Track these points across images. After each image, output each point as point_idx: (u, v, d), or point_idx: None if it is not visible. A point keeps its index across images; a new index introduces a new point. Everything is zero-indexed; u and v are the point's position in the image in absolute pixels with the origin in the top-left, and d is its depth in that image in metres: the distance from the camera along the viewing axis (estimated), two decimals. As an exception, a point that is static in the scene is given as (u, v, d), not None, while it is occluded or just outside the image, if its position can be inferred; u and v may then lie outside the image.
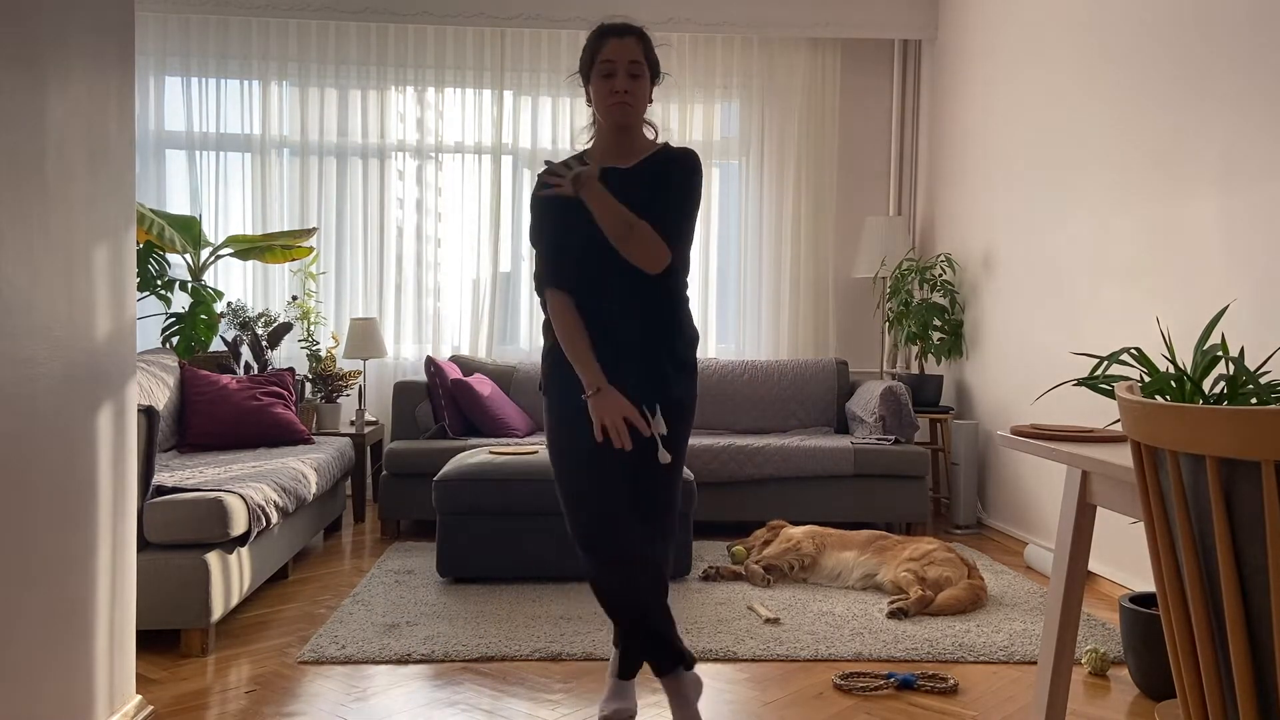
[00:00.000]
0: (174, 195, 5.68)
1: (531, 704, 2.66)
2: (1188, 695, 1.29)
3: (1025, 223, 4.72)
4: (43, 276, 1.98)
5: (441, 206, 5.82)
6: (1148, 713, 2.68)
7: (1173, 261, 3.57)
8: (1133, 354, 1.78)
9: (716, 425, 5.35)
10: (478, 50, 5.76)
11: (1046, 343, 4.52)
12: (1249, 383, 1.62)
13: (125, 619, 2.41)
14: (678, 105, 5.87)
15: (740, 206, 5.97)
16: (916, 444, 4.95)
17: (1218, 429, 1.14)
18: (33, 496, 1.95)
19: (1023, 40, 4.78)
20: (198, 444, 4.34)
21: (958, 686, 2.80)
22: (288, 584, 3.89)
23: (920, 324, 5.38)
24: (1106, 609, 3.64)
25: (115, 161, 2.31)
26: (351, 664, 2.96)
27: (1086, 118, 4.17)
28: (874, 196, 6.06)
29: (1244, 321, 3.19)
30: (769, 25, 5.72)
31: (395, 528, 4.82)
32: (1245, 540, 1.17)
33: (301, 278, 5.63)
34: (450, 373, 5.03)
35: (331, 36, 5.70)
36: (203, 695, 2.71)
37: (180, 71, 5.65)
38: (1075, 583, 2.08)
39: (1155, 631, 2.74)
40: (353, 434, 5.04)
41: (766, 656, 3.05)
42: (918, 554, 3.71)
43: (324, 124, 5.73)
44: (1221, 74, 3.32)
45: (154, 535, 2.99)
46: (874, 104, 6.02)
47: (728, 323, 6.03)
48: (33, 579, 1.95)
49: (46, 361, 1.99)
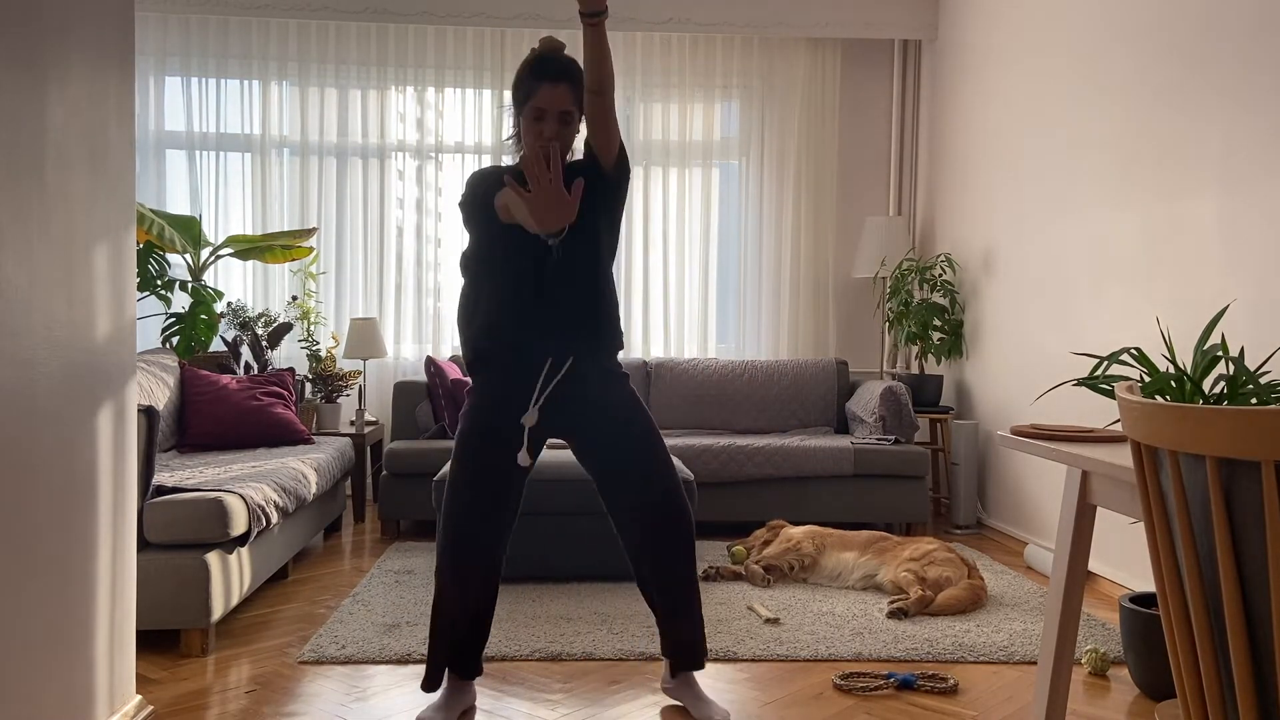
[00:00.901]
0: (174, 195, 5.69)
1: (531, 704, 2.66)
2: (1188, 695, 1.29)
3: (1025, 223, 4.72)
4: (42, 276, 1.98)
5: (441, 206, 5.82)
6: (1148, 713, 2.68)
7: (1173, 261, 3.57)
8: (1133, 354, 1.78)
9: (716, 425, 5.35)
10: (478, 50, 5.77)
11: (1046, 343, 4.52)
12: (1249, 383, 1.62)
13: (125, 619, 2.41)
14: (678, 105, 5.87)
15: (740, 206, 5.96)
16: (916, 444, 4.95)
17: (1218, 429, 1.14)
18: (33, 496, 1.95)
19: (1023, 40, 4.78)
20: (198, 444, 4.34)
21: (958, 686, 2.80)
22: (288, 584, 3.89)
23: (920, 324, 5.38)
24: (1106, 609, 3.64)
25: (115, 161, 2.31)
26: (351, 664, 2.96)
27: (1086, 117, 4.17)
28: (874, 196, 6.06)
29: (1244, 321, 3.19)
30: (769, 25, 5.72)
31: (395, 528, 4.82)
32: (1245, 540, 1.17)
33: (301, 278, 5.64)
34: (450, 373, 5.04)
35: (331, 36, 5.70)
36: (203, 695, 2.71)
37: (180, 71, 5.65)
38: (1075, 583, 2.08)
39: (1155, 631, 2.74)
40: (353, 434, 5.04)
41: (766, 656, 3.05)
42: (918, 554, 3.71)
43: (324, 124, 5.73)
44: (1222, 73, 3.32)
45: (154, 535, 2.99)
46: (874, 104, 6.02)
47: (728, 323, 6.03)
48: (32, 579, 1.95)
49: (46, 361, 1.99)
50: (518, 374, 2.52)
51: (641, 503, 2.53)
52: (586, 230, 2.50)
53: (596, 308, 2.52)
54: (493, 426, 2.50)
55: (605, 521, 3.93)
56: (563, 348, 2.52)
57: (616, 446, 2.54)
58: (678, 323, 5.92)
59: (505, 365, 2.53)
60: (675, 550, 2.55)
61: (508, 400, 2.52)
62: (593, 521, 3.93)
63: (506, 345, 2.51)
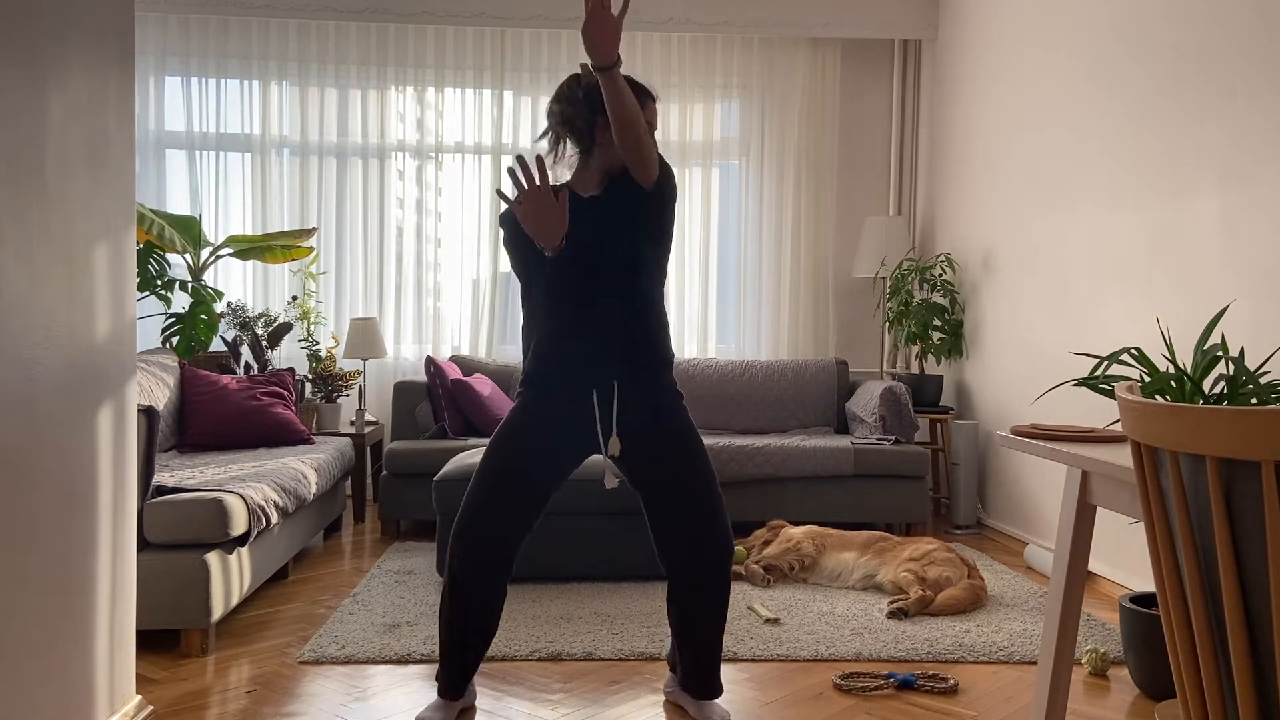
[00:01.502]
0: (174, 195, 5.69)
1: (531, 704, 2.66)
2: (1188, 695, 1.29)
3: (1025, 223, 4.72)
4: (42, 276, 1.98)
5: (441, 206, 5.82)
6: (1148, 713, 2.68)
7: (1173, 261, 3.57)
8: (1133, 354, 1.78)
9: (716, 425, 5.35)
10: (478, 50, 5.77)
11: (1046, 343, 4.52)
12: (1249, 383, 1.62)
13: (125, 619, 2.41)
14: (678, 105, 5.87)
15: (740, 206, 5.96)
16: (916, 444, 4.95)
17: (1218, 429, 1.14)
18: (33, 496, 1.95)
19: (1023, 40, 4.78)
20: (198, 444, 4.34)
21: (958, 686, 2.80)
22: (288, 584, 3.89)
23: (920, 324, 5.38)
24: (1106, 609, 3.64)
25: (115, 161, 2.31)
26: (351, 664, 2.96)
27: (1087, 117, 4.17)
28: (874, 196, 6.06)
29: (1244, 321, 3.19)
30: (769, 25, 5.72)
31: (395, 528, 4.82)
32: (1245, 540, 1.17)
33: (301, 278, 5.64)
34: (450, 373, 5.03)
35: (331, 36, 5.70)
36: (203, 695, 2.71)
37: (180, 71, 5.65)
38: (1075, 583, 2.08)
39: (1155, 631, 2.74)
40: (353, 434, 5.04)
41: (766, 656, 3.05)
42: (918, 554, 3.71)
43: (324, 124, 5.73)
44: (1222, 73, 3.32)
45: (154, 535, 2.99)
46: (874, 104, 6.02)
47: (728, 323, 6.03)
48: (33, 579, 1.95)
49: (46, 361, 1.99)
50: (561, 390, 2.52)
51: (685, 563, 2.51)
52: (625, 248, 2.48)
53: (633, 327, 2.50)
54: (528, 436, 2.50)
55: (606, 521, 3.93)
56: (605, 369, 2.50)
57: (672, 494, 2.50)
58: (678, 323, 5.92)
59: (549, 381, 2.52)
60: (707, 613, 2.54)
61: (548, 414, 2.52)
62: (593, 521, 3.93)
63: (552, 366, 2.51)
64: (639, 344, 2.51)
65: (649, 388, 2.53)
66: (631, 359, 2.50)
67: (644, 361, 2.51)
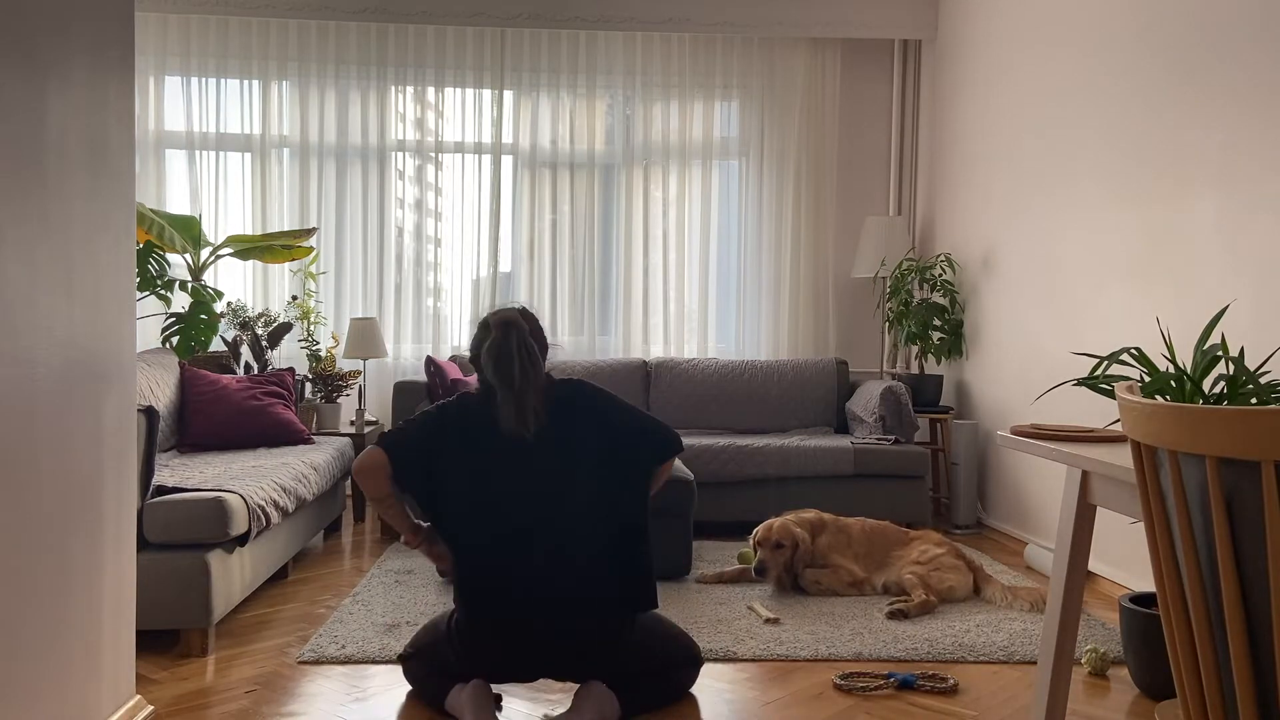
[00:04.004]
0: (174, 195, 5.69)
1: (531, 704, 2.66)
2: (1188, 695, 1.29)
3: (1025, 223, 4.72)
4: (42, 276, 1.98)
5: (441, 206, 5.82)
6: (1148, 713, 2.68)
7: (1173, 261, 3.57)
8: (1133, 354, 1.78)
9: (716, 425, 5.35)
10: (478, 50, 5.77)
11: (1046, 343, 4.52)
12: (1249, 383, 1.62)
13: (125, 619, 2.41)
14: (678, 105, 5.87)
15: (740, 206, 5.97)
16: (916, 444, 4.95)
17: (1218, 429, 1.14)
18: (33, 496, 1.95)
19: (1022, 40, 4.78)
20: (198, 444, 4.34)
21: (958, 686, 2.80)
22: (288, 584, 3.89)
23: (920, 324, 5.38)
24: (1106, 609, 3.64)
25: (115, 160, 2.31)
26: (351, 664, 2.96)
27: (1086, 117, 4.17)
28: (874, 196, 6.06)
29: (1244, 321, 3.19)
30: (769, 25, 5.72)
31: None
32: (1245, 540, 1.17)
33: (301, 278, 5.64)
34: (450, 373, 5.03)
35: (331, 36, 5.70)
36: (203, 695, 2.71)
37: (180, 71, 5.65)
38: (1075, 583, 2.08)
39: (1155, 631, 2.74)
40: (353, 434, 5.04)
41: (766, 656, 3.05)
42: (925, 558, 3.71)
43: (324, 124, 5.73)
44: (1221, 73, 3.32)
45: (154, 535, 2.99)
46: (874, 104, 6.02)
47: (728, 323, 6.03)
48: (32, 579, 1.95)
49: (47, 361, 1.99)
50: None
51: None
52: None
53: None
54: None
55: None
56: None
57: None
58: (678, 322, 5.92)
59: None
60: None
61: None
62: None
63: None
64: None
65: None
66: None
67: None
